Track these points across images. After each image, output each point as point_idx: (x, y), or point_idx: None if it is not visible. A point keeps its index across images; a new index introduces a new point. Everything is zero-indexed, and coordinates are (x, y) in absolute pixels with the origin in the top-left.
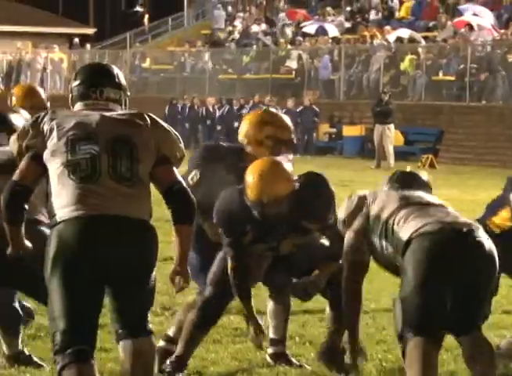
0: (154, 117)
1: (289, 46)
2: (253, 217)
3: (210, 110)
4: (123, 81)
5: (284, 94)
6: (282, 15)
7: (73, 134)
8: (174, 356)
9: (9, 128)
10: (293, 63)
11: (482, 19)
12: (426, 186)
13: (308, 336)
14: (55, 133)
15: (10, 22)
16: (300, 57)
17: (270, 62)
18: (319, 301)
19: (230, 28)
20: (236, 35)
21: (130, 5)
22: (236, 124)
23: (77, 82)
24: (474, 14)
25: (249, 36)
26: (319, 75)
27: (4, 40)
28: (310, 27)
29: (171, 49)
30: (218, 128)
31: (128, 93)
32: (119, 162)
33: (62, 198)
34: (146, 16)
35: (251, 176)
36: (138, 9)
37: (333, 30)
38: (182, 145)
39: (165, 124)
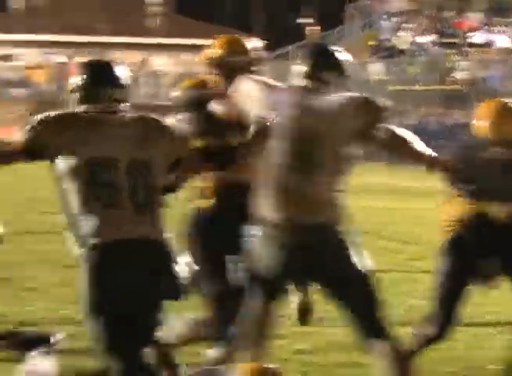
0: (163, 123)
1: (457, 57)
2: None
3: None
4: (124, 79)
5: (452, 105)
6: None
7: (94, 158)
8: None
9: None
10: (461, 74)
11: None
12: None
13: None
14: (76, 148)
15: (176, 35)
16: (468, 68)
17: (438, 73)
18: None
19: (397, 39)
20: (403, 46)
21: (294, 17)
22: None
23: (82, 81)
24: None
25: (417, 46)
26: (488, 87)
27: (171, 52)
28: (478, 38)
29: None
30: None
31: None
32: (137, 191)
33: (89, 220)
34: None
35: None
36: (303, 20)
37: (502, 41)
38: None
39: (172, 128)
